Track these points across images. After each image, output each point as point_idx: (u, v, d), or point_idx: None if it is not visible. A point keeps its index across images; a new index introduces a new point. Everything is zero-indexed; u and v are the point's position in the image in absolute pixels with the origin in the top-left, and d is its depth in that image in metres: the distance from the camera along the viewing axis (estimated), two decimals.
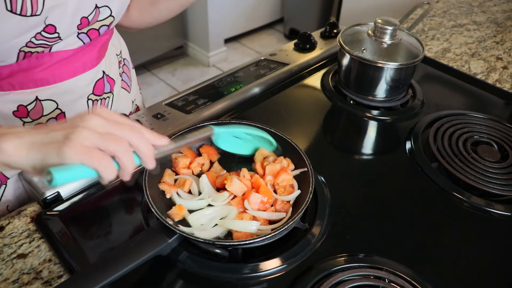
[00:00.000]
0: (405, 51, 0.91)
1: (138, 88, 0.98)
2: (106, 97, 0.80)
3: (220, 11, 2.83)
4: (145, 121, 0.82)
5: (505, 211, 0.70)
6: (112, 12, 0.70)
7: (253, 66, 1.03)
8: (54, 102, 0.71)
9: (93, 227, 0.66)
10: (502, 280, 0.61)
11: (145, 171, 0.64)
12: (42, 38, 0.62)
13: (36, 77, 0.67)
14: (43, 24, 0.60)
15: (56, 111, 0.72)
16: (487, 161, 0.78)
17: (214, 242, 0.58)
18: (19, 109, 0.68)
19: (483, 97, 1.01)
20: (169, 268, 0.59)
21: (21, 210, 0.68)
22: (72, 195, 0.69)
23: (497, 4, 1.49)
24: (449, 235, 0.67)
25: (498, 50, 1.20)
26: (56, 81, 0.69)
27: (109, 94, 0.80)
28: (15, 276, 0.58)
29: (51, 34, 0.62)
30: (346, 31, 0.97)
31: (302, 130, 0.87)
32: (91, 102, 0.77)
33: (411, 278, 0.57)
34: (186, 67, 2.98)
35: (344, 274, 0.57)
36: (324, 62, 1.09)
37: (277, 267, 0.59)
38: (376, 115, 0.92)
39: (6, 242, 0.63)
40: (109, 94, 0.80)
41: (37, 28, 0.60)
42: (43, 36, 0.62)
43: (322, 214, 0.67)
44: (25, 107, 0.68)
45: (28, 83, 0.67)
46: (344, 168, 0.79)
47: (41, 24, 0.60)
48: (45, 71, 0.68)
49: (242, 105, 0.92)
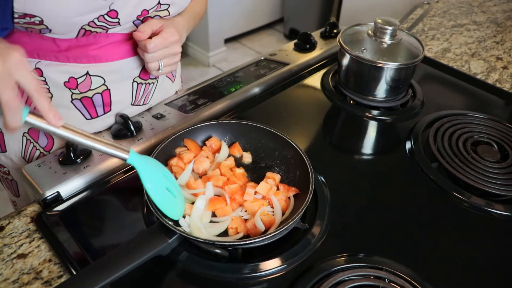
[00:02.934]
0: (405, 51, 0.91)
1: (180, 81, 1.01)
2: (151, 83, 0.84)
3: (220, 11, 2.83)
4: (145, 121, 0.82)
5: (505, 211, 0.70)
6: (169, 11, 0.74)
7: (253, 66, 1.03)
8: (102, 79, 0.75)
9: (93, 227, 0.66)
10: (502, 280, 0.61)
11: None
12: (104, 20, 0.66)
13: (90, 53, 0.71)
14: (107, 8, 0.64)
15: (102, 87, 0.76)
16: (487, 161, 0.78)
17: (214, 242, 0.58)
18: (70, 80, 0.72)
19: (483, 97, 1.01)
20: (169, 268, 0.59)
21: (21, 210, 0.68)
22: (72, 195, 0.69)
23: (497, 4, 1.49)
24: (449, 235, 0.67)
25: (498, 50, 1.20)
26: (108, 60, 0.73)
27: (154, 81, 0.84)
28: (15, 276, 0.58)
29: (112, 19, 0.66)
30: (346, 31, 0.97)
31: (302, 130, 0.87)
32: (136, 85, 0.80)
33: (411, 278, 0.57)
34: (186, 67, 2.98)
35: (344, 274, 0.57)
36: (324, 62, 1.09)
37: (277, 267, 0.59)
38: (376, 115, 0.92)
39: (6, 242, 0.63)
40: (154, 80, 0.84)
41: (101, 11, 0.64)
42: (105, 19, 0.66)
43: (322, 214, 0.67)
44: (75, 80, 0.73)
45: (82, 58, 0.71)
46: (344, 168, 0.79)
47: (105, 8, 0.64)
48: (99, 49, 0.72)
49: (242, 105, 0.92)
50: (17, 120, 0.48)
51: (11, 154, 0.80)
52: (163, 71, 0.76)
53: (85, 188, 0.70)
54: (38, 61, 0.70)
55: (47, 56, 0.70)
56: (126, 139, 0.77)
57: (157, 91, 0.87)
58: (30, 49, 0.69)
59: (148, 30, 0.70)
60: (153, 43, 0.70)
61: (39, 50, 0.69)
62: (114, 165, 0.74)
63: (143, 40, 0.70)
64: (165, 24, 0.72)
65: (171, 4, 0.73)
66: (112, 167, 0.73)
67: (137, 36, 0.70)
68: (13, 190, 0.88)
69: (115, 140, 0.77)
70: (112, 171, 0.73)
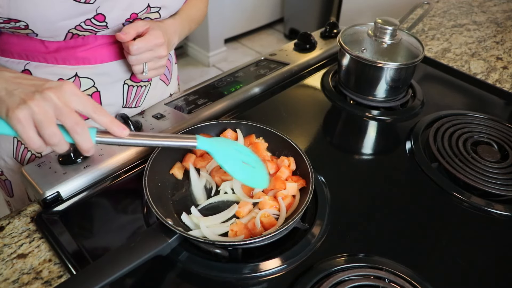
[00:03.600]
0: (405, 51, 0.91)
1: (177, 84, 1.00)
2: (143, 85, 0.83)
3: (220, 11, 2.83)
4: (145, 121, 0.82)
5: (505, 211, 0.70)
6: (160, 14, 0.73)
7: (253, 66, 1.03)
8: (91, 81, 0.74)
9: (93, 227, 0.66)
10: (502, 280, 0.61)
11: (145, 171, 0.64)
12: (91, 24, 0.66)
13: (79, 55, 0.71)
14: (94, 12, 0.64)
15: (92, 89, 0.75)
16: (487, 161, 0.78)
17: (214, 242, 0.58)
18: None
19: (483, 97, 1.01)
20: (169, 268, 0.59)
21: (21, 210, 0.68)
22: (72, 195, 0.69)
23: (497, 4, 1.49)
24: (449, 235, 0.67)
25: (498, 50, 1.20)
26: (97, 61, 0.73)
27: (146, 83, 0.83)
28: (15, 276, 0.58)
29: (100, 22, 0.66)
30: (346, 31, 0.97)
31: (302, 130, 0.87)
32: (127, 87, 0.80)
33: (411, 278, 0.57)
34: (186, 67, 2.98)
35: (344, 274, 0.57)
36: (324, 62, 1.09)
37: (277, 267, 0.59)
38: (376, 115, 0.92)
39: (6, 242, 0.63)
40: (146, 83, 0.83)
41: (87, 15, 0.64)
42: (92, 23, 0.65)
43: (322, 214, 0.67)
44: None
45: (70, 60, 0.71)
46: (344, 168, 0.79)
47: (92, 12, 0.64)
48: (88, 51, 0.71)
49: (242, 105, 0.92)
50: (87, 142, 0.51)
51: (3, 155, 0.80)
52: (148, 75, 0.74)
53: (85, 188, 0.70)
54: (27, 63, 0.70)
55: (36, 57, 0.69)
56: None
57: (150, 94, 0.86)
58: (18, 50, 0.69)
59: (132, 32, 0.68)
60: (136, 45, 0.68)
61: (28, 51, 0.69)
62: (114, 165, 0.74)
63: (126, 42, 0.69)
64: (151, 26, 0.70)
65: (162, 7, 0.72)
66: (112, 167, 0.73)
67: (120, 38, 0.68)
68: (6, 190, 0.87)
69: None
70: (112, 171, 0.73)
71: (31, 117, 0.48)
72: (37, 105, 0.48)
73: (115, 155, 0.74)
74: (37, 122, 0.48)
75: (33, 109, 0.48)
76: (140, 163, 0.76)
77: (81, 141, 0.50)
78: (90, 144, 0.51)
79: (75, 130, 0.50)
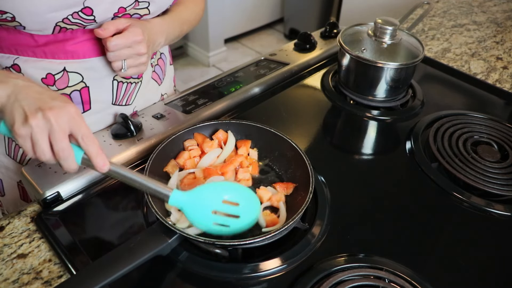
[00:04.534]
0: (405, 51, 0.91)
1: (172, 85, 0.99)
2: (133, 82, 0.82)
3: (220, 11, 2.83)
4: (145, 121, 0.82)
5: (505, 211, 0.70)
6: (149, 10, 0.73)
7: (253, 66, 1.03)
8: (80, 75, 0.74)
9: (93, 227, 0.66)
10: (502, 280, 0.61)
11: (145, 171, 0.64)
12: (78, 17, 0.65)
13: (67, 49, 0.71)
14: (81, 5, 0.64)
15: (81, 84, 0.75)
16: (487, 161, 0.78)
17: (214, 242, 0.58)
18: (47, 76, 0.72)
19: (483, 97, 1.01)
20: (169, 268, 0.59)
21: (21, 210, 0.68)
22: (72, 195, 0.69)
23: (497, 4, 1.49)
24: (449, 235, 0.67)
25: (498, 50, 1.20)
26: (85, 56, 0.73)
27: (137, 80, 0.83)
28: (15, 276, 0.58)
29: (87, 16, 0.66)
30: (346, 31, 0.97)
31: (302, 130, 0.87)
32: (116, 83, 0.79)
33: (411, 278, 0.57)
34: (186, 67, 2.98)
35: (344, 274, 0.57)
36: (324, 62, 1.09)
37: (277, 267, 0.59)
38: (376, 115, 0.92)
39: (6, 242, 0.63)
40: (137, 80, 0.83)
41: (74, 8, 0.63)
42: (80, 16, 0.65)
43: (322, 214, 0.67)
44: (53, 76, 0.72)
45: (59, 54, 0.71)
46: (344, 168, 0.79)
47: (79, 5, 0.63)
48: (77, 45, 0.71)
49: (242, 105, 0.92)
50: (71, 165, 0.56)
51: None
52: (128, 72, 0.73)
53: (85, 188, 0.70)
54: (17, 57, 0.70)
55: (25, 51, 0.69)
56: (126, 139, 0.77)
57: (141, 93, 0.85)
58: (8, 44, 0.69)
59: (111, 28, 0.68)
60: (114, 41, 0.68)
61: (17, 45, 0.69)
62: None
63: (105, 38, 0.69)
64: (132, 23, 0.70)
65: (151, 2, 0.72)
66: None
67: (98, 33, 0.67)
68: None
69: (115, 140, 0.77)
70: None
71: (29, 133, 0.53)
72: (37, 125, 0.52)
73: (115, 155, 0.74)
74: (33, 140, 0.53)
75: (33, 129, 0.53)
76: (140, 163, 0.76)
77: (64, 165, 0.56)
78: (72, 167, 0.56)
79: (59, 155, 0.54)
